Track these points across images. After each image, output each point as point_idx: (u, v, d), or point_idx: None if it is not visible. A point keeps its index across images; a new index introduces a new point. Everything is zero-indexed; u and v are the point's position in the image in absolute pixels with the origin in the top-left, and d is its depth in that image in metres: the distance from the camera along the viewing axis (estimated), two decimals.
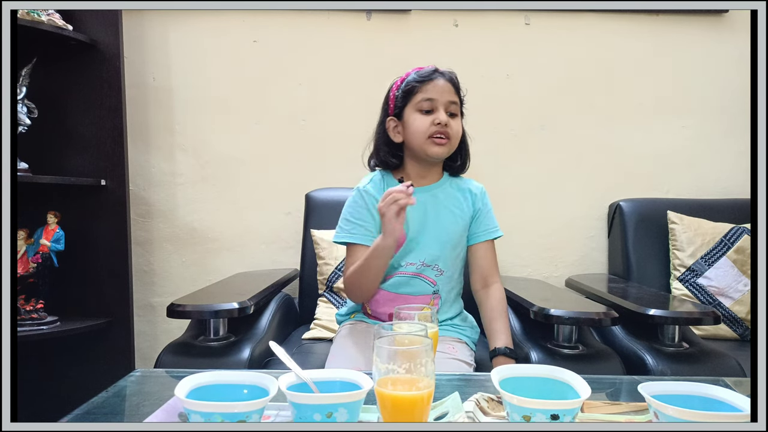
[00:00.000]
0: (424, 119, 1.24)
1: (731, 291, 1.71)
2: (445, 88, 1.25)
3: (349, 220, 1.30)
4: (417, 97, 1.25)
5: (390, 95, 1.32)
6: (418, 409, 0.66)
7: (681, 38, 2.02)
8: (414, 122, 1.26)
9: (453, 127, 1.25)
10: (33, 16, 1.70)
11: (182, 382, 0.72)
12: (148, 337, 2.07)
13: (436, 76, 1.26)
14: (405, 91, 1.27)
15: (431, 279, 1.29)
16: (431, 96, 1.24)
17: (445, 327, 1.32)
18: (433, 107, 1.25)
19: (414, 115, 1.26)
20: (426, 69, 1.28)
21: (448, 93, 1.25)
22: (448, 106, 1.25)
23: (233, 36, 2.01)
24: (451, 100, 1.25)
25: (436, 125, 1.23)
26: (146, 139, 2.03)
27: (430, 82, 1.25)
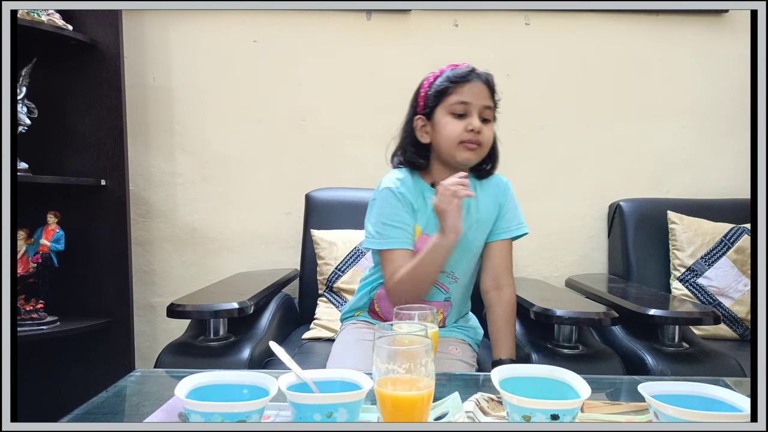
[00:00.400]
0: (457, 124, 1.17)
1: (731, 291, 1.71)
2: (481, 91, 1.18)
3: (387, 224, 1.20)
4: (451, 99, 1.18)
5: (420, 92, 1.24)
6: (418, 409, 0.66)
7: (681, 38, 2.02)
8: (446, 126, 1.18)
9: (485, 133, 1.18)
10: (33, 16, 1.70)
11: (182, 382, 0.72)
12: (148, 337, 2.07)
13: (473, 77, 1.18)
14: (438, 91, 1.19)
15: (444, 286, 1.26)
16: (466, 99, 1.17)
17: (449, 328, 1.31)
18: (466, 111, 1.17)
19: (446, 117, 1.19)
20: (462, 68, 1.19)
21: (483, 97, 1.18)
22: (483, 111, 1.18)
23: (233, 36, 2.01)
24: (486, 104, 1.18)
25: (469, 131, 1.16)
26: (146, 139, 2.03)
27: (466, 84, 1.17)
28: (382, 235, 1.21)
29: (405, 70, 2.02)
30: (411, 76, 2.01)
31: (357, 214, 1.83)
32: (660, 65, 2.03)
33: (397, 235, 1.20)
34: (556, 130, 2.05)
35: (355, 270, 1.72)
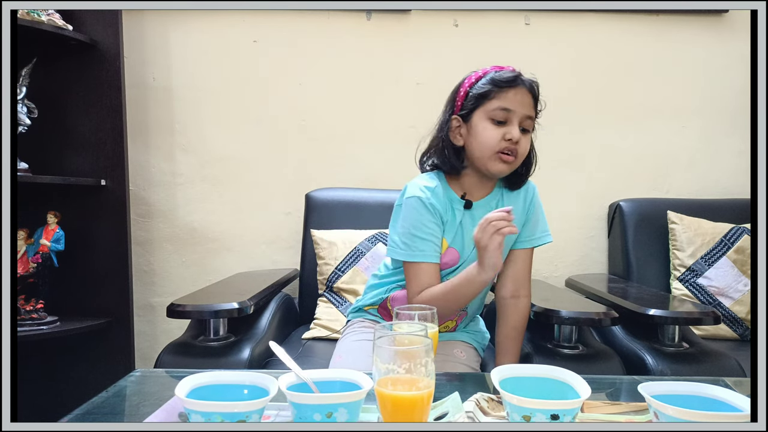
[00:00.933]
0: (495, 131, 1.11)
1: (731, 291, 1.71)
2: (525, 99, 1.12)
3: (415, 236, 1.14)
4: (492, 104, 1.11)
5: (460, 91, 1.17)
6: (418, 409, 0.66)
7: (681, 38, 2.02)
8: (483, 132, 1.12)
9: (522, 145, 1.12)
10: (33, 16, 1.70)
11: (182, 382, 0.72)
12: (148, 337, 2.07)
13: (519, 83, 1.11)
14: (480, 94, 1.12)
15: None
16: (509, 106, 1.11)
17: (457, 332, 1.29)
18: (507, 119, 1.11)
19: (484, 123, 1.12)
20: (507, 72, 1.12)
21: (527, 106, 1.12)
22: (523, 121, 1.12)
23: (233, 36, 2.01)
24: (528, 114, 1.12)
25: (507, 141, 1.11)
26: (146, 139, 2.03)
27: (510, 90, 1.11)
28: (409, 247, 1.15)
29: (405, 70, 2.04)
30: (411, 76, 2.04)
31: (357, 214, 1.84)
32: (660, 65, 2.03)
33: (425, 248, 1.15)
34: (556, 130, 2.04)
35: (355, 270, 1.72)
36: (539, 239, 1.24)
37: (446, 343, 1.25)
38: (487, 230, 1.01)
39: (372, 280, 1.36)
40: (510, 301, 1.23)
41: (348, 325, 1.36)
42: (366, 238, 1.75)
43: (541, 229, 1.24)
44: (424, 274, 1.14)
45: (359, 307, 1.35)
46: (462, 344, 1.27)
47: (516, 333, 1.23)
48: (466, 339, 1.30)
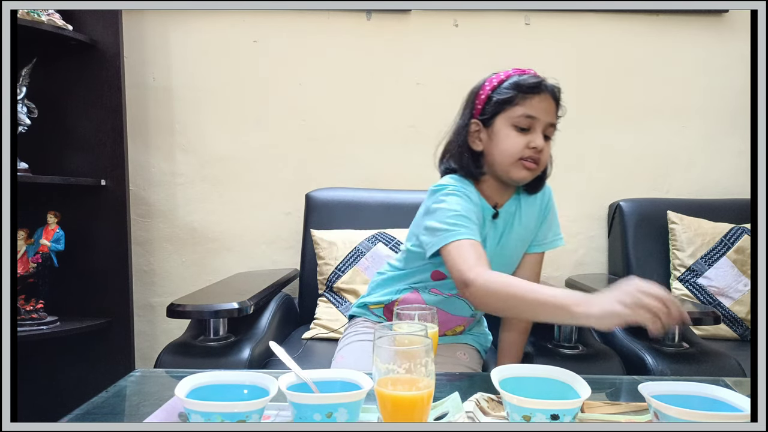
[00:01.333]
0: (519, 139, 1.08)
1: (731, 291, 1.71)
2: (549, 106, 1.09)
3: (463, 215, 1.05)
4: (516, 111, 1.08)
5: (480, 94, 1.13)
6: (418, 409, 0.66)
7: (681, 38, 2.02)
8: (506, 139, 1.08)
9: (545, 153, 1.10)
10: (33, 16, 1.70)
11: (182, 382, 0.72)
12: (148, 337, 2.07)
13: (543, 90, 1.08)
14: (503, 99, 1.08)
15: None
16: (533, 114, 1.07)
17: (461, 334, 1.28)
18: (530, 126, 1.08)
19: (507, 129, 1.09)
20: (530, 77, 1.09)
21: (550, 113, 1.10)
22: (546, 128, 1.10)
23: (233, 36, 2.01)
24: (551, 122, 1.10)
25: (531, 149, 1.08)
26: (146, 139, 2.03)
27: (535, 97, 1.07)
28: (457, 226, 1.04)
29: (405, 70, 2.04)
30: (411, 76, 2.03)
31: (357, 214, 1.84)
32: (660, 65, 2.03)
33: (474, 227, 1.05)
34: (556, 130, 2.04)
35: (355, 270, 1.72)
36: (551, 243, 1.22)
37: (449, 345, 1.24)
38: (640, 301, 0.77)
39: (378, 277, 1.32)
40: None
41: (351, 324, 1.34)
42: (366, 238, 1.75)
43: (553, 232, 1.22)
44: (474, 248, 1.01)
45: (364, 304, 1.32)
46: (465, 346, 1.27)
47: (520, 338, 1.23)
48: (469, 341, 1.29)
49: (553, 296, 0.89)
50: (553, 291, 0.90)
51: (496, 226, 1.16)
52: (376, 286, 1.31)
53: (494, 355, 1.29)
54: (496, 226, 1.16)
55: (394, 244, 1.73)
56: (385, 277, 1.30)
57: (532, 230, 1.20)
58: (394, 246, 1.72)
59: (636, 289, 0.78)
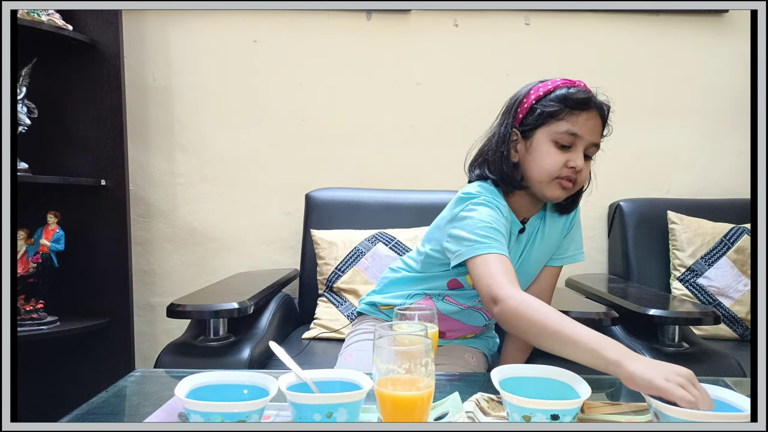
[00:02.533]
0: (558, 156, 1.01)
1: (731, 291, 1.71)
2: (596, 125, 1.03)
3: (496, 228, 1.00)
4: (560, 126, 1.01)
5: (524, 102, 1.06)
6: (418, 409, 0.66)
7: (681, 38, 2.02)
8: (545, 155, 1.02)
9: (584, 173, 1.04)
10: (33, 16, 1.70)
11: (182, 382, 0.72)
12: (148, 337, 2.07)
13: (592, 107, 1.02)
14: (549, 112, 1.02)
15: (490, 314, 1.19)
16: (578, 132, 1.01)
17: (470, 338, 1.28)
18: (573, 144, 1.02)
19: (547, 145, 1.02)
20: (580, 91, 1.03)
21: (595, 132, 1.03)
22: (589, 147, 1.04)
23: (233, 36, 2.01)
24: (594, 141, 1.04)
25: (569, 168, 1.02)
26: (146, 139, 2.03)
27: (582, 113, 1.01)
28: (488, 239, 0.98)
29: (405, 70, 2.04)
30: (411, 76, 2.03)
31: (357, 214, 1.84)
32: (660, 65, 2.03)
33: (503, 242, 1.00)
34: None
35: (355, 270, 1.72)
36: (571, 257, 1.18)
37: (457, 347, 1.23)
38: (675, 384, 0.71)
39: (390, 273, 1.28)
40: None
41: (358, 321, 1.31)
42: (366, 238, 1.75)
43: (575, 247, 1.19)
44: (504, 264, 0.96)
45: (374, 303, 1.28)
46: (473, 350, 1.25)
47: (526, 347, 1.22)
48: (478, 345, 1.27)
49: (589, 339, 0.81)
50: (590, 332, 0.82)
51: (519, 240, 1.12)
52: (389, 284, 1.27)
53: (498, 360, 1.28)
54: (519, 240, 1.12)
55: (394, 244, 1.73)
56: (398, 276, 1.25)
57: (554, 245, 1.17)
58: (394, 246, 1.72)
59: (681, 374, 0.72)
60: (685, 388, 0.70)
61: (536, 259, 1.16)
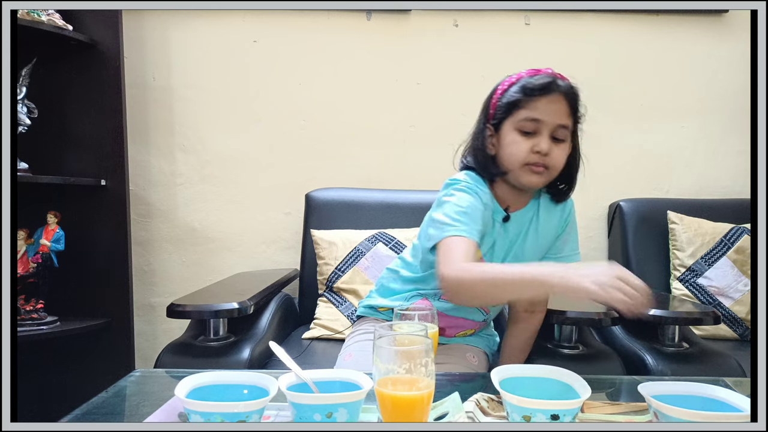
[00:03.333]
0: (523, 143, 1.04)
1: (731, 291, 1.71)
2: (557, 108, 1.03)
3: (468, 213, 1.03)
4: (520, 114, 1.04)
5: (492, 98, 1.10)
6: (418, 409, 0.66)
7: (681, 38, 2.02)
8: (511, 144, 1.05)
9: (554, 156, 1.04)
10: (33, 16, 1.70)
11: (182, 382, 0.72)
12: (148, 337, 2.07)
13: (552, 91, 1.03)
14: (509, 102, 1.05)
15: (486, 309, 1.22)
16: (537, 117, 1.03)
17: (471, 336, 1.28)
18: (536, 129, 1.03)
19: (513, 134, 1.05)
20: (540, 77, 1.04)
21: (559, 114, 1.03)
22: (556, 130, 1.04)
23: (233, 36, 2.01)
24: (561, 123, 1.04)
25: (535, 153, 1.03)
26: (146, 139, 2.03)
27: (540, 99, 1.02)
28: (459, 222, 1.01)
29: (405, 70, 2.04)
30: (411, 76, 2.03)
31: (357, 214, 1.84)
32: (660, 65, 2.03)
33: (473, 226, 1.02)
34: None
35: (355, 270, 1.72)
36: (567, 258, 1.18)
37: (458, 346, 1.24)
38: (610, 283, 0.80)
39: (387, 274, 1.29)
40: (524, 315, 1.22)
41: (358, 323, 1.32)
42: (366, 238, 1.75)
43: (570, 247, 1.18)
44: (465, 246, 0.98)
45: (373, 306, 1.29)
46: (474, 349, 1.25)
47: (524, 346, 1.23)
48: (478, 344, 1.27)
49: (523, 272, 0.89)
50: (524, 267, 0.92)
51: (507, 230, 1.13)
52: (386, 286, 1.28)
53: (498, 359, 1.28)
54: (507, 231, 1.13)
55: (394, 244, 1.73)
56: (394, 277, 1.26)
57: (548, 240, 1.17)
58: (394, 246, 1.72)
59: (614, 274, 0.80)
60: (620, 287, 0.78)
61: (531, 253, 1.16)
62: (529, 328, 1.22)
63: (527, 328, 1.22)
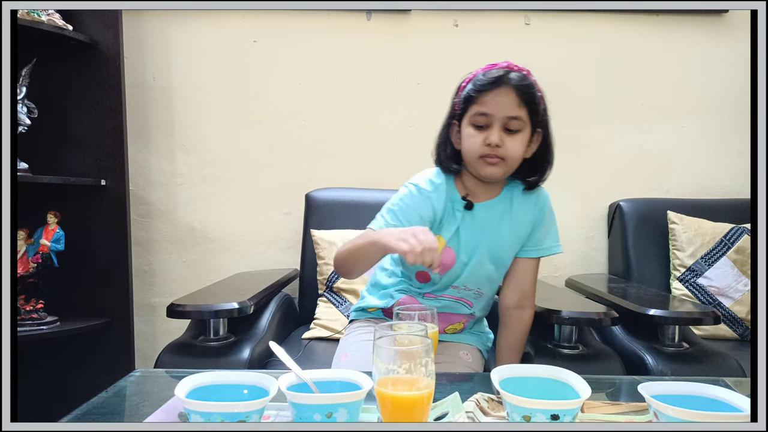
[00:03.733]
0: (477, 136, 1.09)
1: (731, 291, 1.71)
2: (506, 100, 1.06)
3: (396, 215, 1.13)
4: (473, 109, 1.09)
5: (456, 95, 1.16)
6: (418, 409, 0.66)
7: (681, 38, 2.02)
8: (467, 138, 1.11)
9: (508, 147, 1.08)
10: (33, 16, 1.70)
11: (182, 382, 0.72)
12: (148, 337, 2.07)
13: (500, 84, 1.06)
14: (465, 99, 1.11)
15: (470, 302, 1.23)
16: (486, 111, 1.07)
17: (463, 333, 1.29)
18: (488, 123, 1.08)
19: (468, 129, 1.11)
20: (491, 73, 1.08)
21: (508, 107, 1.07)
22: (507, 122, 1.07)
23: (233, 36, 2.01)
24: (510, 115, 1.07)
25: (487, 146, 1.08)
26: (146, 139, 2.03)
27: (488, 93, 1.07)
28: (385, 220, 1.13)
29: (405, 70, 2.04)
30: (411, 76, 2.03)
31: (357, 214, 1.84)
32: (660, 65, 2.03)
33: (393, 222, 1.12)
34: (556, 130, 2.03)
35: None
36: (548, 249, 1.21)
37: (452, 344, 1.25)
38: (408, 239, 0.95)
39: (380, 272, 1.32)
40: (514, 312, 1.22)
41: (351, 325, 1.34)
42: None
43: (551, 239, 1.21)
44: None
45: (363, 308, 1.33)
46: (467, 346, 1.26)
47: (518, 344, 1.23)
48: (471, 341, 1.29)
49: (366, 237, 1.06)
50: (369, 234, 1.06)
51: (474, 218, 1.17)
52: (372, 289, 1.32)
53: (495, 355, 1.29)
54: (474, 218, 1.17)
55: None
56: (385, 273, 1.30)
57: (524, 231, 1.19)
58: None
59: (410, 231, 0.96)
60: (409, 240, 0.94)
61: (506, 244, 1.19)
62: (520, 326, 1.22)
63: (518, 327, 1.22)
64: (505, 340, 1.23)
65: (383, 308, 1.29)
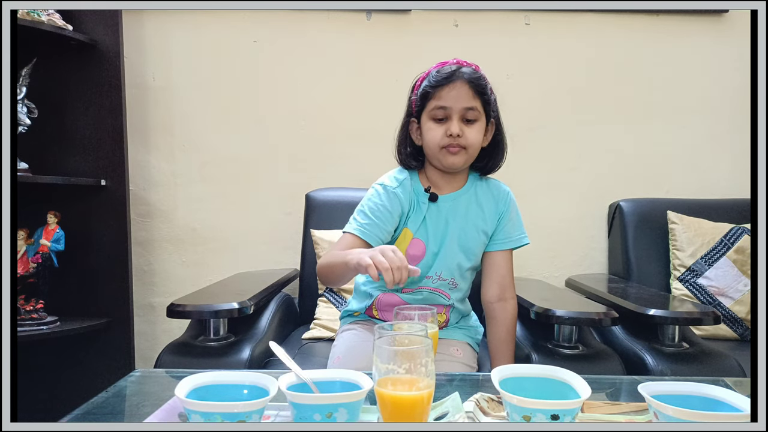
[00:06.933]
0: (438, 129, 1.16)
1: (731, 291, 1.71)
2: (461, 93, 1.14)
3: (367, 214, 1.20)
4: (431, 104, 1.16)
5: (411, 94, 1.23)
6: (418, 409, 0.66)
7: (681, 38, 2.02)
8: (428, 132, 1.18)
9: (468, 136, 1.15)
10: (33, 16, 1.70)
11: (182, 382, 0.72)
12: (148, 337, 2.07)
13: (454, 78, 1.15)
14: (421, 95, 1.18)
15: (446, 293, 1.25)
16: (444, 104, 1.15)
17: (450, 328, 1.30)
18: (446, 116, 1.16)
19: (428, 123, 1.18)
20: (444, 69, 1.17)
21: (464, 99, 1.15)
22: (464, 113, 1.15)
23: (233, 36, 2.01)
24: (467, 106, 1.15)
25: (449, 137, 1.15)
26: (146, 139, 2.03)
27: (444, 88, 1.15)
28: (357, 222, 1.20)
29: (405, 70, 2.03)
30: (411, 76, 2.03)
31: None
32: (660, 65, 2.03)
33: (370, 229, 1.17)
34: (557, 130, 2.05)
35: None
36: (518, 241, 1.27)
37: (442, 341, 1.25)
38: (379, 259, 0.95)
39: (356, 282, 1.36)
40: (498, 305, 1.25)
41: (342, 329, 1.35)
42: None
43: (518, 232, 1.27)
44: (348, 243, 1.16)
45: (349, 312, 1.36)
46: (458, 342, 1.28)
47: (509, 336, 1.24)
48: (460, 337, 1.30)
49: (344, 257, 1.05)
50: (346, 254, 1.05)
51: (439, 208, 1.22)
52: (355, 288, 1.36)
53: (487, 350, 1.29)
54: (439, 209, 1.22)
55: None
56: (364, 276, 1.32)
57: (490, 221, 1.25)
58: None
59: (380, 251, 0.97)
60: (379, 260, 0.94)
61: (474, 232, 1.24)
62: (506, 318, 1.25)
63: (505, 319, 1.25)
64: (495, 334, 1.25)
65: (365, 309, 1.31)
